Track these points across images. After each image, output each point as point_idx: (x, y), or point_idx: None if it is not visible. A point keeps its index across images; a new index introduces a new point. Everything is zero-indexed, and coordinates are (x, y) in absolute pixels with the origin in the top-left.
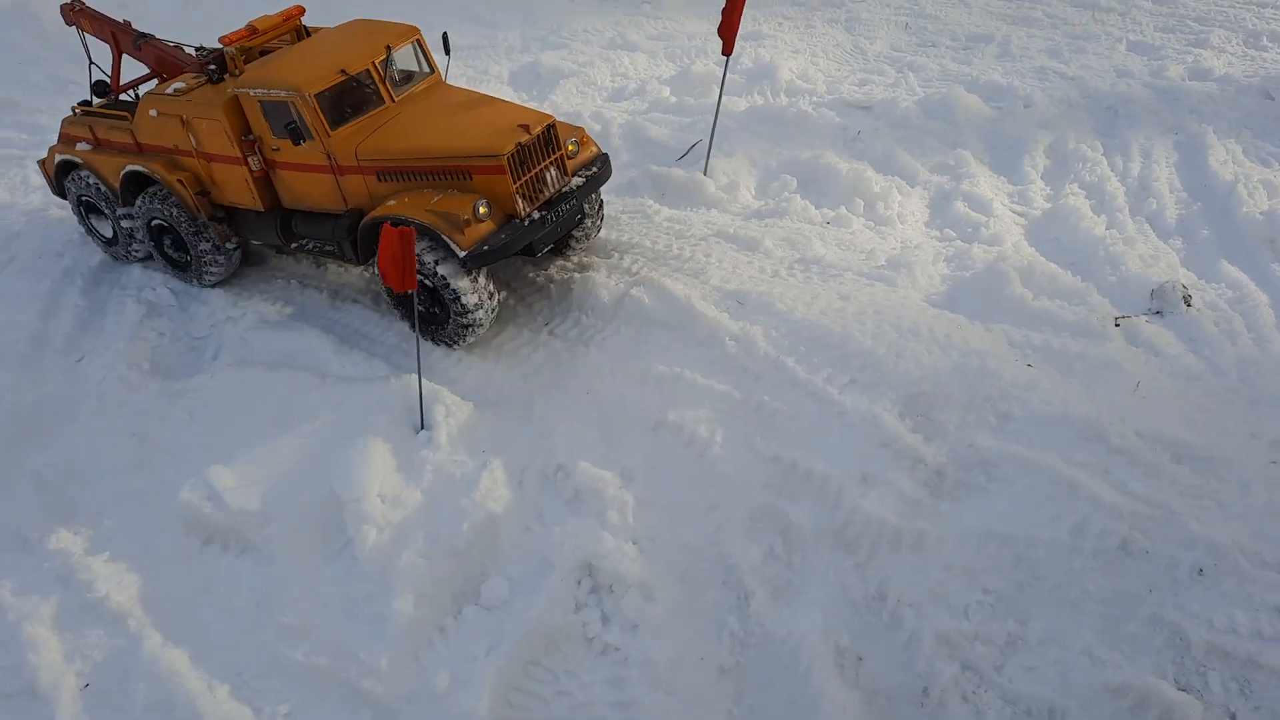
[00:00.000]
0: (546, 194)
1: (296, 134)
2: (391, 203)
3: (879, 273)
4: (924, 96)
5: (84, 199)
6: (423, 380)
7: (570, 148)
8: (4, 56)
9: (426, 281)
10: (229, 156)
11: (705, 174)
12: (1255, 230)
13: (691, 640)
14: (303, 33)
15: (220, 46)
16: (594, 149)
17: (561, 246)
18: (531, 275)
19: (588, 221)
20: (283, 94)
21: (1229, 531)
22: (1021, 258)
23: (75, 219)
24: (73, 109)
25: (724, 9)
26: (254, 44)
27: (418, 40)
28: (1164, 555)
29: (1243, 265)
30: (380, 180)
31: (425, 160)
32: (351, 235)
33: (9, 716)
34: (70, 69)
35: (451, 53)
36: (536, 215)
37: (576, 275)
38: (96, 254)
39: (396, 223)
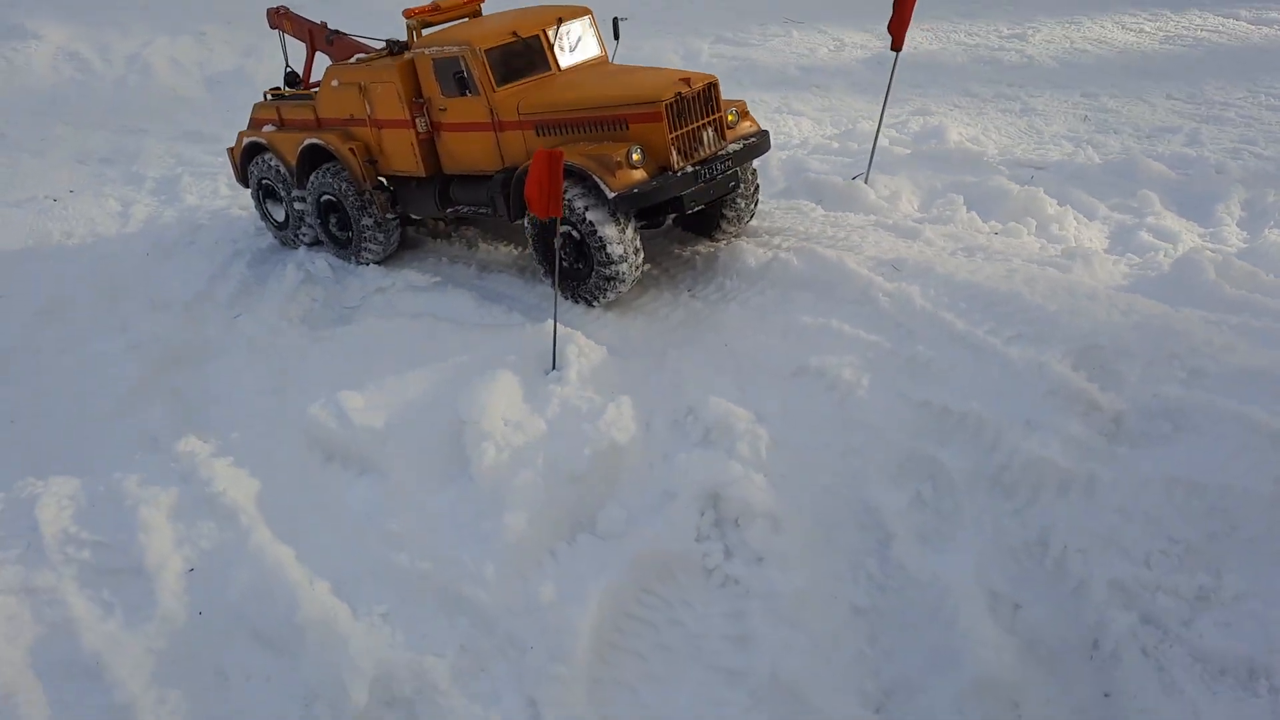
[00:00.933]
0: (702, 154)
1: (463, 85)
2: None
3: (1053, 260)
4: (1104, 162)
5: (264, 181)
6: (557, 324)
7: (730, 116)
8: (222, 104)
9: (574, 231)
10: (398, 120)
11: (866, 183)
12: None
13: (822, 577)
14: (476, 14)
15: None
16: (754, 124)
17: (712, 225)
18: (677, 251)
19: (740, 202)
20: (455, 49)
21: None
22: (1216, 254)
23: (253, 205)
24: (264, 95)
25: (895, 2)
26: (435, 19)
27: (589, 18)
28: None
29: None
30: (539, 134)
31: (584, 110)
32: (505, 190)
33: (110, 589)
34: None
35: (620, 39)
36: (690, 169)
37: (723, 246)
38: (266, 239)
39: None
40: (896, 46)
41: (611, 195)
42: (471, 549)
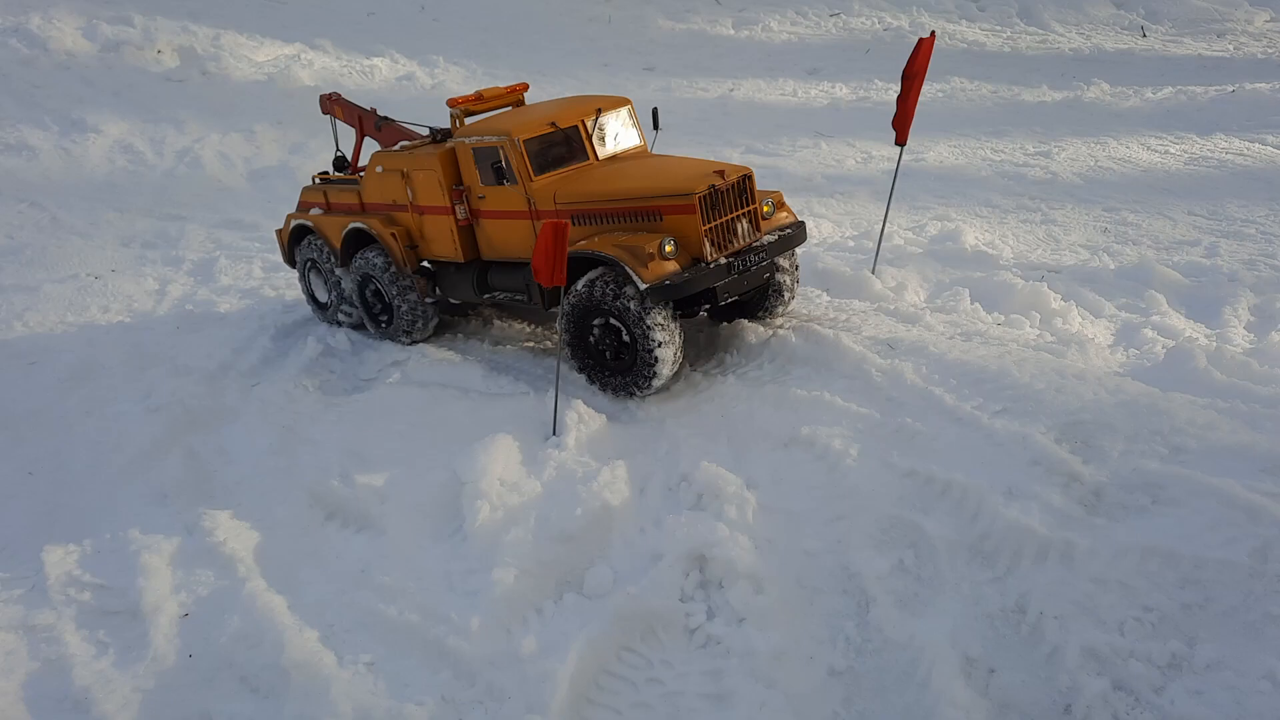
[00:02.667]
0: (736, 245)
1: (501, 174)
2: (582, 243)
3: (1047, 345)
4: (1118, 267)
5: (310, 262)
6: (559, 393)
7: (765, 207)
8: (263, 195)
9: (615, 322)
10: (439, 207)
11: (872, 272)
12: None
13: (801, 639)
14: (519, 105)
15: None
16: (790, 215)
17: (753, 310)
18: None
19: (784, 286)
20: (494, 139)
21: None
22: (1210, 343)
23: (299, 285)
24: (313, 179)
25: (899, 97)
26: (478, 108)
27: (629, 109)
28: None
29: None
30: (574, 224)
31: (618, 201)
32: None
33: (107, 630)
34: None
35: (660, 129)
36: (724, 261)
37: (725, 325)
38: (292, 315)
39: (580, 256)
40: (900, 141)
41: (643, 286)
42: (459, 603)
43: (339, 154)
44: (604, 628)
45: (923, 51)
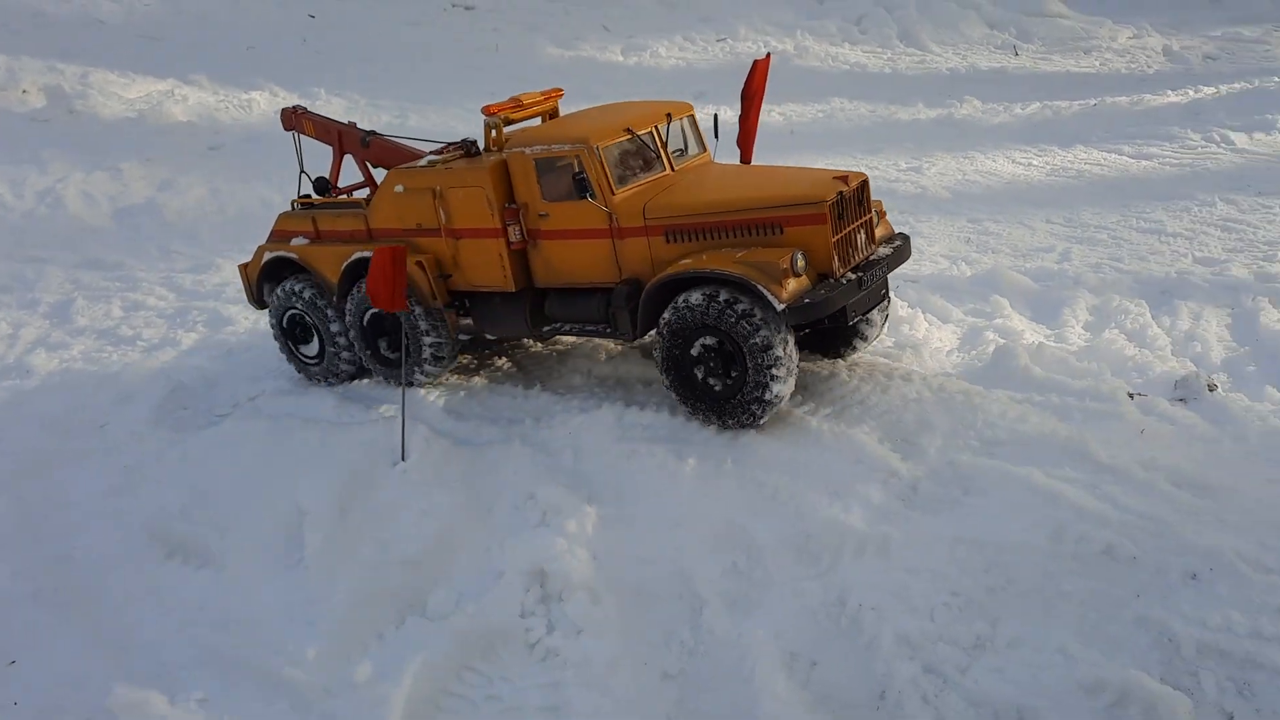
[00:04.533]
0: (855, 259)
1: (584, 187)
2: (686, 261)
3: (883, 349)
4: (973, 274)
5: (290, 312)
6: (407, 418)
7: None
8: (128, 233)
9: (726, 344)
10: (484, 229)
11: None
12: None
13: (636, 645)
14: (555, 115)
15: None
16: (890, 227)
17: (841, 341)
18: (528, 345)
19: (885, 305)
20: (567, 148)
21: (1227, 540)
22: (1032, 343)
23: (275, 340)
24: (292, 204)
25: (740, 117)
26: (517, 116)
27: (692, 116)
28: (1153, 562)
29: None
30: (668, 241)
31: (729, 213)
32: (632, 304)
33: None
34: (178, 245)
35: (720, 137)
36: (852, 276)
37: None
38: (154, 355)
39: (694, 277)
40: (746, 159)
41: (780, 307)
42: (298, 633)
43: (318, 177)
44: (444, 648)
45: (759, 72)
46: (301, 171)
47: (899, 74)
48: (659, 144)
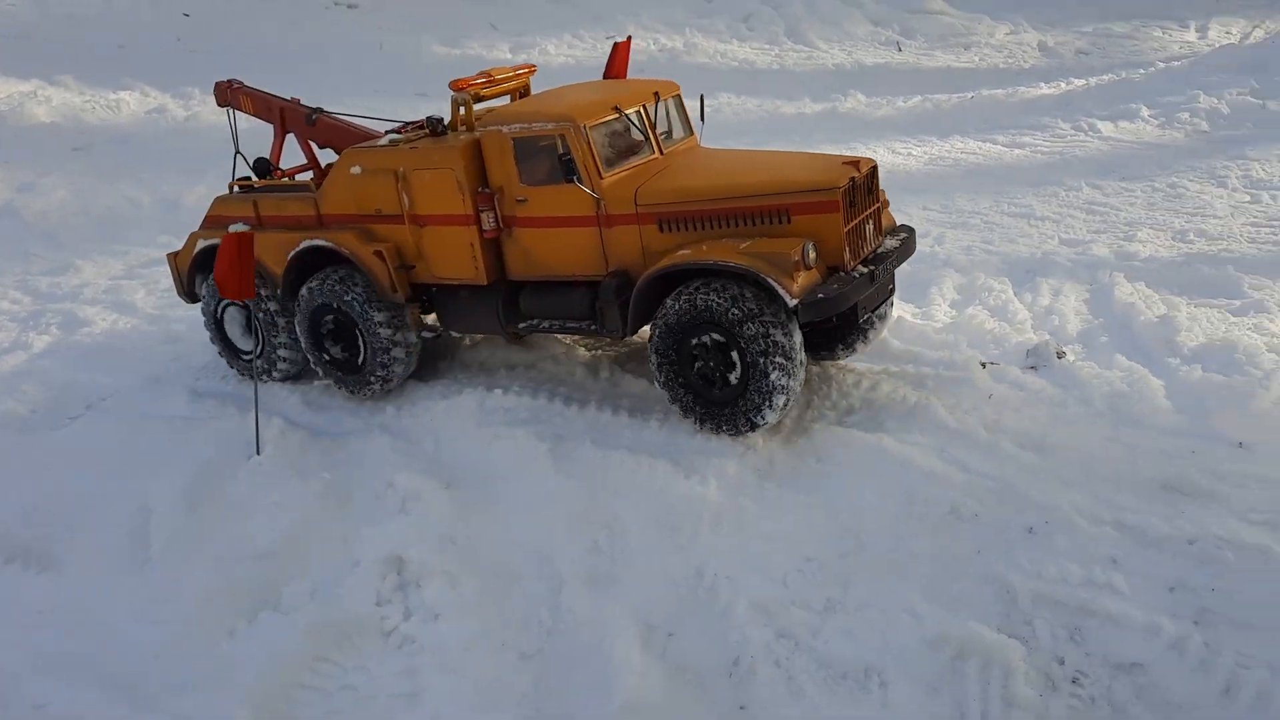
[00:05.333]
0: (864, 251)
1: (570, 170)
2: (684, 251)
3: None
4: None
5: (227, 305)
6: (260, 410)
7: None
8: None
9: (722, 339)
10: (452, 216)
11: None
12: (1152, 332)
13: (494, 627)
14: (526, 94)
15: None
16: (893, 217)
17: (841, 340)
18: None
19: (891, 302)
20: (550, 127)
21: (1065, 495)
22: (891, 317)
23: (206, 329)
24: (230, 187)
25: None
26: (488, 94)
27: (678, 97)
28: (995, 519)
29: (1138, 359)
30: (662, 230)
31: (732, 200)
32: (621, 298)
33: None
34: (37, 247)
35: (705, 121)
36: (864, 270)
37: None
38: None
39: (698, 268)
40: None
41: (792, 303)
42: (143, 633)
43: (259, 158)
44: (296, 641)
45: (619, 55)
46: (236, 152)
47: (786, 70)
48: (647, 125)
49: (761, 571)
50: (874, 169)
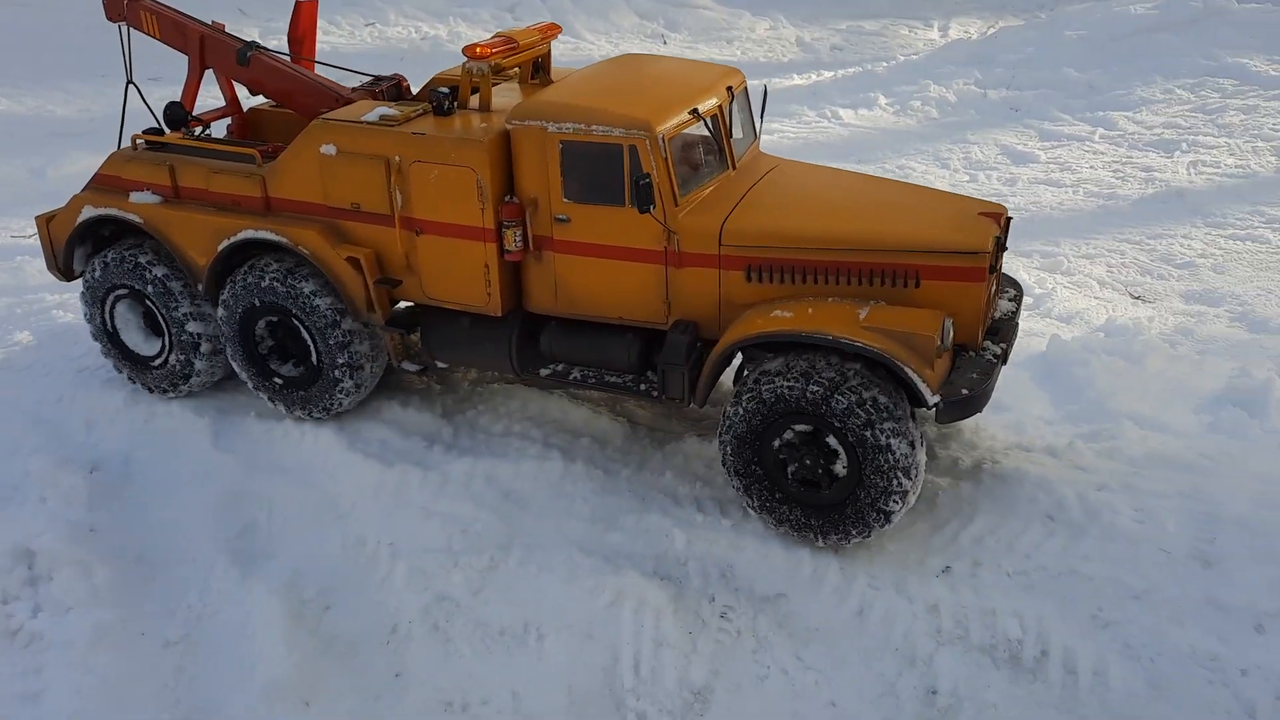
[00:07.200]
0: (989, 320)
1: (648, 196)
2: (783, 314)
3: None
4: None
5: (118, 290)
6: None
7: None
8: None
9: (835, 438)
10: (464, 228)
11: None
12: None
13: (134, 616)
14: (545, 63)
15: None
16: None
17: None
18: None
19: None
20: (618, 133)
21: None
22: None
23: (89, 324)
24: (133, 140)
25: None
26: (509, 63)
27: (745, 90)
28: (655, 467)
29: None
30: (750, 279)
31: (850, 252)
32: (690, 360)
33: None
34: None
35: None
36: (996, 350)
37: None
38: None
39: (808, 339)
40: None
41: (934, 401)
42: None
43: (171, 102)
44: None
45: (304, 14)
46: (129, 82)
47: (554, 60)
48: (723, 130)
49: (420, 540)
50: (1008, 222)
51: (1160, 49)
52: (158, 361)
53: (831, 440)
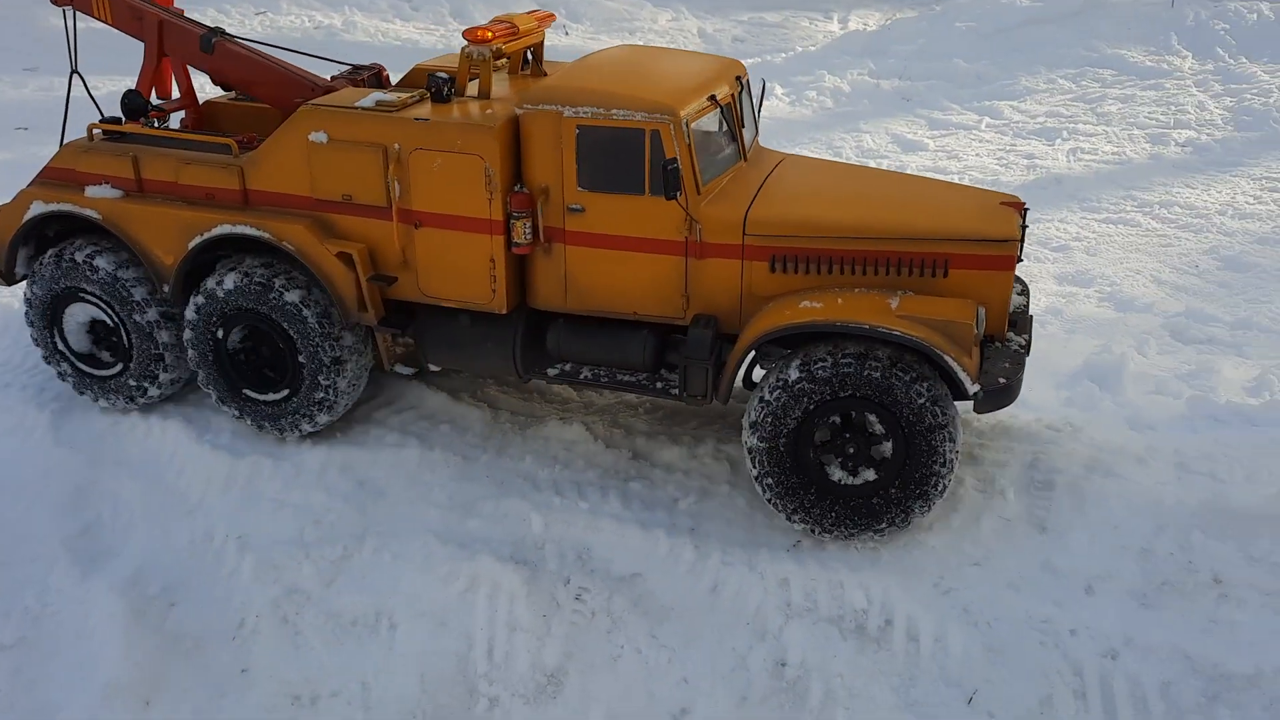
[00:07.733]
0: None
1: (675, 182)
2: (812, 304)
3: None
4: None
5: (64, 292)
6: None
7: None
8: None
9: (881, 423)
10: (469, 219)
11: None
12: None
13: None
14: (538, 54)
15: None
16: None
17: None
18: None
19: None
20: (640, 117)
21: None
22: None
23: (31, 329)
24: (89, 130)
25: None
26: (510, 49)
27: (748, 82)
28: (515, 452)
29: None
30: (774, 269)
31: (880, 241)
32: (715, 355)
33: None
34: None
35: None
36: (1020, 341)
37: None
38: None
39: (836, 329)
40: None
41: (974, 390)
42: None
43: (130, 90)
44: None
45: None
46: (73, 71)
47: (452, 50)
48: (735, 119)
49: (270, 533)
50: (1026, 211)
51: (1044, 40)
52: (114, 365)
53: (875, 423)
